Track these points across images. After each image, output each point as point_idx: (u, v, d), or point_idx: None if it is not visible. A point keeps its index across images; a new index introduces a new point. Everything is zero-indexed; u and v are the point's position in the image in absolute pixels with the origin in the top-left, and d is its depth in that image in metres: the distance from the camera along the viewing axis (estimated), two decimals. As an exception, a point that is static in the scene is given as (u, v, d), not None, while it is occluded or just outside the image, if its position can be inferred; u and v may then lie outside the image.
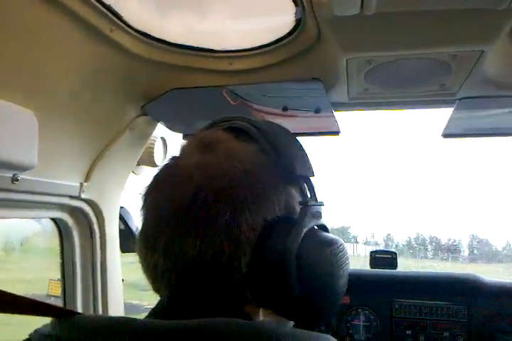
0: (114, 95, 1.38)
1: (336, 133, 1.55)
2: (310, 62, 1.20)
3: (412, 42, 1.06)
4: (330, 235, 0.68)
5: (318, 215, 0.69)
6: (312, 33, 1.08)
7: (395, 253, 2.19)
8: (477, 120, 1.48)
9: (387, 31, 1.03)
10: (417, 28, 1.01)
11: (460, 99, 1.23)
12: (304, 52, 1.16)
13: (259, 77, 1.29)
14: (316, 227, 0.68)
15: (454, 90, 1.29)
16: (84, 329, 0.56)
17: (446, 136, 1.52)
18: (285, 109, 1.45)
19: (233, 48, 1.28)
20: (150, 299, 2.07)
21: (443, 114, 1.44)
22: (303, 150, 0.75)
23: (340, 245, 0.68)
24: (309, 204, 0.67)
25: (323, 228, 0.72)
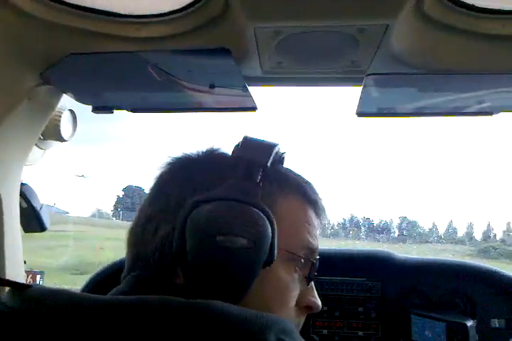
0: (7, 60, 1.26)
1: (252, 109, 1.51)
2: (219, 31, 1.15)
3: (319, 13, 1.04)
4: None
5: None
6: (220, 0, 1.04)
7: (316, 232, 2.23)
8: (389, 99, 1.50)
9: (294, 0, 1.00)
10: None
11: (367, 74, 1.22)
12: (212, 20, 1.12)
13: (168, 44, 1.22)
14: None
15: (365, 67, 1.29)
16: (34, 301, 0.65)
17: (360, 114, 1.53)
18: (197, 81, 1.39)
19: (141, 13, 1.20)
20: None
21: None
22: None
23: None
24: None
25: None
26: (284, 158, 1.00)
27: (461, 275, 1.96)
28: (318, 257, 1.02)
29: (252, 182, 0.80)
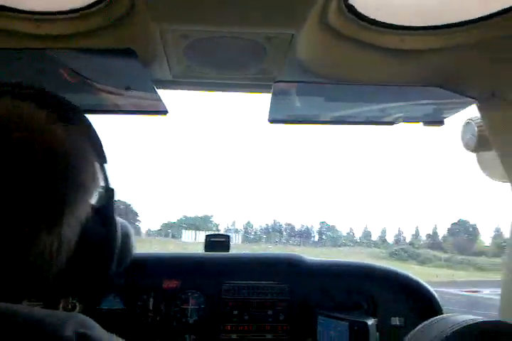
0: None
1: (163, 112, 1.48)
2: (124, 32, 1.11)
3: (227, 20, 1.05)
4: None
5: None
6: (125, 1, 1.01)
7: (229, 236, 2.23)
8: (299, 107, 1.55)
9: (200, 5, 0.99)
10: (231, 4, 0.99)
11: (276, 81, 1.25)
12: (117, 20, 1.08)
13: (70, 43, 1.16)
14: None
15: (274, 74, 1.32)
16: None
17: (272, 121, 1.56)
18: (105, 82, 1.34)
19: (40, 10, 1.13)
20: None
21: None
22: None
23: None
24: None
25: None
26: None
27: (365, 277, 2.06)
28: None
29: None
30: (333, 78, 1.30)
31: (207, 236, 2.21)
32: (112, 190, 0.86)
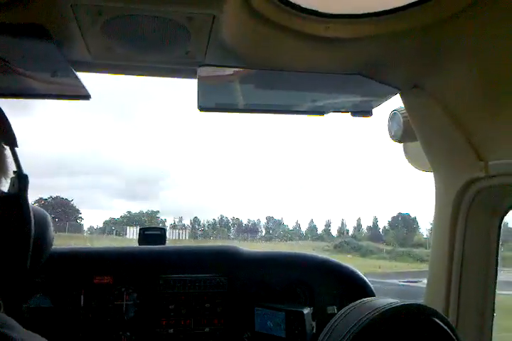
0: None
1: (85, 97, 1.41)
2: (33, 7, 1.03)
3: None
4: None
5: None
6: None
7: (164, 229, 2.17)
8: (228, 94, 1.52)
9: None
10: None
11: (200, 65, 1.21)
12: None
13: None
14: None
15: (199, 59, 1.28)
16: None
17: (202, 108, 1.52)
18: (18, 63, 1.24)
19: None
20: None
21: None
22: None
23: None
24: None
25: None
26: None
27: (303, 267, 2.08)
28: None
29: None
30: (258, 64, 1.28)
31: (141, 229, 2.15)
32: (26, 176, 0.80)
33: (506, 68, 1.20)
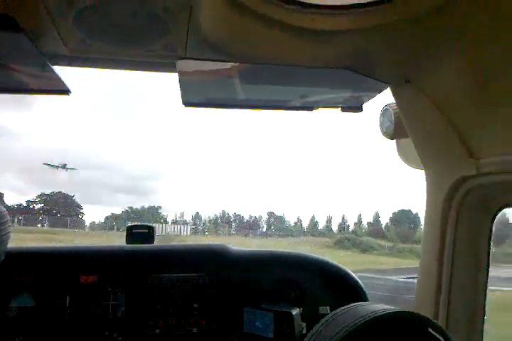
0: None
1: (65, 92, 1.36)
2: None
3: None
4: None
5: None
6: None
7: (153, 228, 2.13)
8: (212, 88, 1.47)
9: None
10: None
11: (180, 58, 1.16)
12: None
13: None
14: None
15: (180, 52, 1.23)
16: None
17: (186, 104, 1.48)
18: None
19: None
20: None
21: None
22: None
23: None
24: None
25: None
26: None
27: (293, 266, 2.04)
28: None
29: None
30: (242, 57, 1.23)
31: (128, 227, 2.10)
32: None
33: (498, 63, 1.15)
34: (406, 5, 1.07)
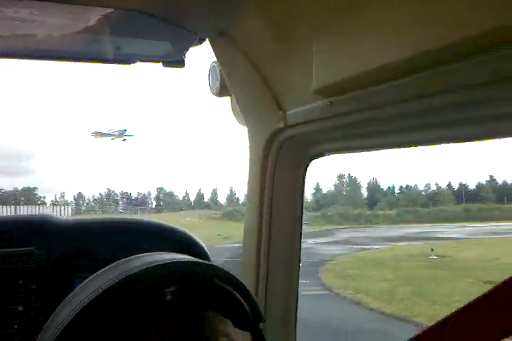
0: None
1: None
2: None
3: None
4: None
5: None
6: None
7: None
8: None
9: None
10: None
11: None
12: None
13: None
14: None
15: None
16: None
17: None
18: None
19: None
20: None
21: None
22: None
23: None
24: None
25: None
26: None
27: (128, 233, 1.95)
28: None
29: None
30: None
31: None
32: None
33: (296, 16, 1.15)
34: None
